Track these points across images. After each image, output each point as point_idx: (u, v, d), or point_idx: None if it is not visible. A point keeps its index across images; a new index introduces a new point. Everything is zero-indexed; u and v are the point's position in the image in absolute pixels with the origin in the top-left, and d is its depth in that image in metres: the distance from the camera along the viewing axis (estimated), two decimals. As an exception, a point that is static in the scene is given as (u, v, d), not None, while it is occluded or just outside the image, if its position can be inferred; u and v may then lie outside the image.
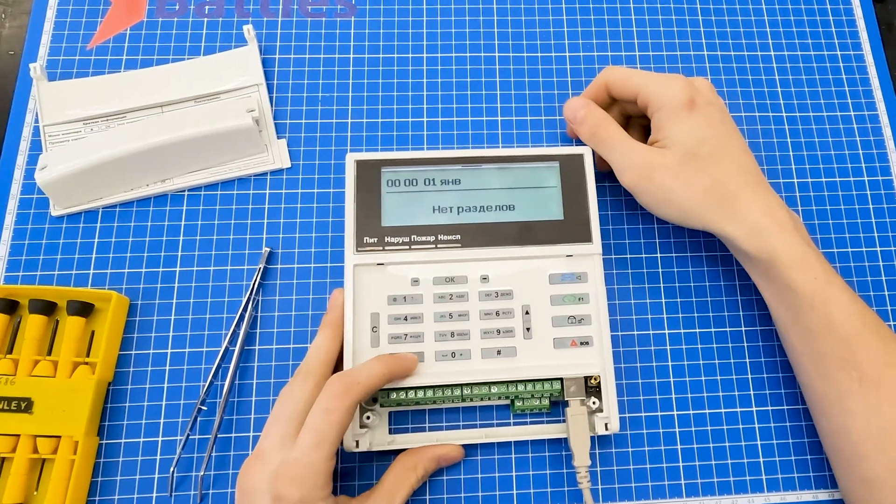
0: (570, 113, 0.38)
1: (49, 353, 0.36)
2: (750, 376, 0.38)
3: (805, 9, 0.47)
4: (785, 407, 0.38)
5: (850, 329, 0.32)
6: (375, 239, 0.35)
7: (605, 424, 0.35)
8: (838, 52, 0.46)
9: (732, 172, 0.34)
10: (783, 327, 0.35)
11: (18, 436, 0.34)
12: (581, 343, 0.35)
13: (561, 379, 0.35)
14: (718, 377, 0.38)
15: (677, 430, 0.37)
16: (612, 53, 0.45)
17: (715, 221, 0.33)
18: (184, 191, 0.40)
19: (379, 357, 0.32)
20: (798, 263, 0.32)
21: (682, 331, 0.39)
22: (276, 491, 0.29)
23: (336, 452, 0.30)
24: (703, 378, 0.38)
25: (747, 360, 0.39)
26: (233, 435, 0.36)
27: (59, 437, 0.34)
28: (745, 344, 0.39)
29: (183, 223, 0.39)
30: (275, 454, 0.29)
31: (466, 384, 0.34)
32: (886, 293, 0.41)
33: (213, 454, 0.35)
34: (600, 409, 0.35)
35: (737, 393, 0.38)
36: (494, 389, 0.34)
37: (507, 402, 0.36)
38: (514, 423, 0.37)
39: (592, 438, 0.36)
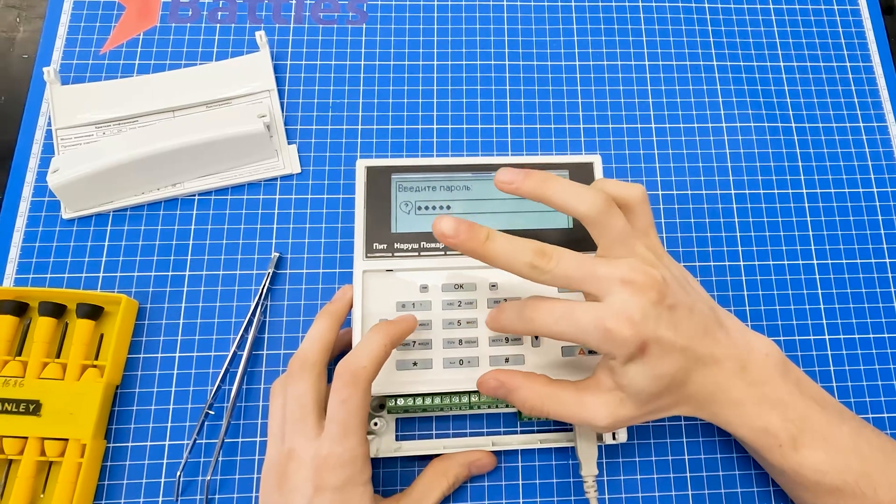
0: (488, 393, 0.32)
1: (58, 356, 0.36)
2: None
3: (815, 20, 0.48)
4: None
5: (827, 486, 0.31)
6: (385, 245, 0.35)
7: (613, 434, 0.34)
8: (847, 64, 0.46)
9: (690, 375, 0.30)
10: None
11: (26, 438, 0.34)
12: (589, 352, 0.35)
13: (569, 387, 0.34)
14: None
15: (685, 440, 0.37)
16: (622, 63, 0.45)
17: (682, 413, 0.31)
18: (194, 195, 0.40)
19: (375, 328, 0.32)
20: (758, 436, 0.31)
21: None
22: (318, 482, 0.29)
23: (366, 435, 0.31)
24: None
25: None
26: (240, 440, 0.36)
27: (66, 439, 0.34)
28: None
29: (193, 227, 0.40)
30: (306, 450, 0.30)
31: (474, 391, 0.34)
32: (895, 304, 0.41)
33: (220, 459, 0.35)
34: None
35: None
36: (502, 397, 0.34)
37: (515, 410, 0.36)
38: (522, 432, 0.37)
39: (600, 447, 0.36)
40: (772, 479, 0.36)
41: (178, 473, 0.35)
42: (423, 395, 0.34)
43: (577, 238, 0.36)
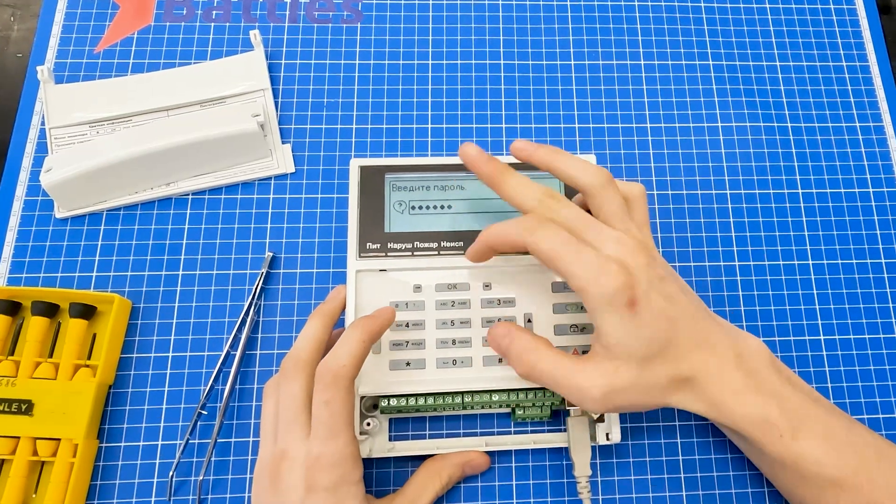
0: (493, 343, 0.33)
1: (50, 356, 0.36)
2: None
3: (811, 19, 0.47)
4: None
5: (826, 479, 0.30)
6: (378, 245, 0.35)
7: (607, 434, 0.34)
8: (844, 63, 0.46)
9: (685, 352, 0.30)
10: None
11: (18, 438, 0.34)
12: (583, 352, 0.35)
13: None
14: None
15: (679, 440, 0.37)
16: (617, 62, 0.45)
17: (678, 403, 0.31)
18: (188, 194, 0.40)
19: (353, 325, 0.31)
20: (758, 426, 0.31)
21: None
22: (310, 482, 0.29)
23: (355, 434, 0.31)
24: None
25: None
26: (232, 440, 0.36)
27: (58, 439, 0.34)
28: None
29: (186, 227, 0.40)
30: (299, 450, 0.30)
31: (467, 392, 0.34)
32: (891, 305, 0.41)
33: (213, 459, 0.35)
34: (602, 419, 0.35)
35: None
36: (495, 397, 0.34)
37: (508, 410, 0.36)
38: (515, 432, 0.37)
39: (593, 448, 0.36)
40: (766, 479, 0.36)
41: (171, 473, 0.34)
42: (417, 396, 0.34)
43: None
